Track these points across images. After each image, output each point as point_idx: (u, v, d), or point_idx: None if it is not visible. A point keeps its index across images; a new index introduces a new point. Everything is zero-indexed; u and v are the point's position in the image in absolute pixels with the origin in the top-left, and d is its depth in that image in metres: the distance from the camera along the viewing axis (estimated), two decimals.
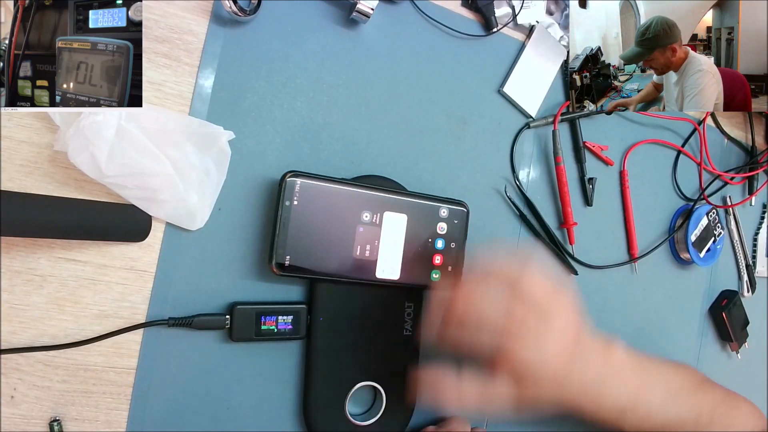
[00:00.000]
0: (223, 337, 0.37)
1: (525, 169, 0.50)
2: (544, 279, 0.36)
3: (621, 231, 0.55)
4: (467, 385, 0.35)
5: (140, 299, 0.35)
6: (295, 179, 0.36)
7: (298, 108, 0.40)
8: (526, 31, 0.49)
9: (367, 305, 0.41)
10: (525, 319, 0.34)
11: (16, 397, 0.33)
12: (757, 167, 0.63)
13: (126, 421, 0.35)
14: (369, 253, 0.39)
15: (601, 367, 0.37)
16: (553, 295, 0.36)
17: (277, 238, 0.36)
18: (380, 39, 0.42)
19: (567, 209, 0.50)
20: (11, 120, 0.32)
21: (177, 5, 0.36)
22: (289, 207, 0.36)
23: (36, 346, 0.33)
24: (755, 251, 0.66)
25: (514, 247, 0.49)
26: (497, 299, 0.35)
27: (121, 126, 0.32)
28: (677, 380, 0.42)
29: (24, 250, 0.33)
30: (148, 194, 0.33)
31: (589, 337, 0.38)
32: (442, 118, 0.45)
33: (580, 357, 0.36)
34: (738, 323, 0.63)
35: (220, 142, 0.35)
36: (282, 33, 0.39)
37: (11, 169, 0.32)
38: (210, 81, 0.37)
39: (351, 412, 0.40)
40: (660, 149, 0.58)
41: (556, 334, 0.35)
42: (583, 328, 0.37)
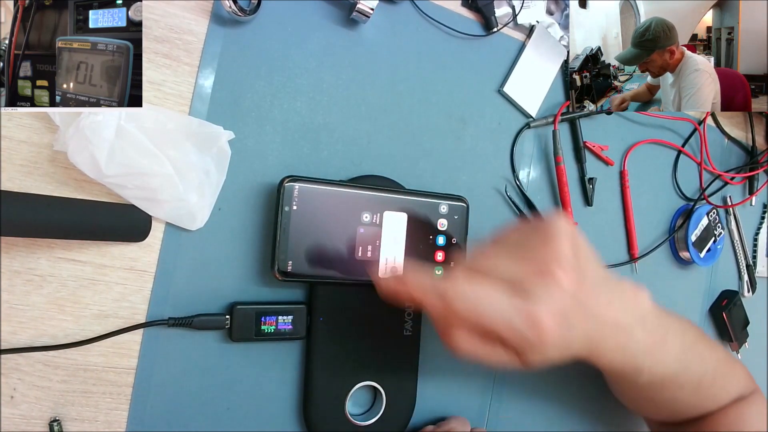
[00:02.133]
0: (223, 337, 0.37)
1: (525, 169, 0.50)
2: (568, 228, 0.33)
3: (621, 231, 0.55)
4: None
5: (140, 299, 0.35)
6: (293, 184, 0.36)
7: (298, 108, 0.40)
8: (527, 31, 0.49)
9: (367, 305, 0.41)
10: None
11: (16, 397, 0.33)
12: (757, 167, 0.63)
13: (126, 421, 0.35)
14: (371, 254, 0.39)
15: (630, 313, 0.35)
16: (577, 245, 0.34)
17: (278, 244, 0.36)
18: (380, 39, 0.42)
19: (567, 209, 0.50)
20: (11, 120, 0.32)
21: (177, 5, 0.36)
22: (288, 212, 0.36)
23: (36, 346, 0.33)
24: (755, 251, 0.66)
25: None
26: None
27: (120, 126, 0.32)
28: (690, 335, 0.41)
29: (24, 250, 0.33)
30: (148, 194, 0.33)
31: (617, 280, 0.36)
32: (442, 118, 0.45)
33: (613, 298, 0.34)
34: (738, 323, 0.63)
35: (220, 142, 0.35)
36: (282, 33, 0.39)
37: (11, 169, 0.32)
38: (210, 81, 0.37)
39: (351, 412, 0.40)
40: (660, 149, 0.58)
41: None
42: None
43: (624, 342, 0.35)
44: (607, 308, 0.34)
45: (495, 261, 0.32)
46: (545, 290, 0.30)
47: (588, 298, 0.32)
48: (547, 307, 0.30)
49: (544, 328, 0.29)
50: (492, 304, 0.30)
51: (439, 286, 0.31)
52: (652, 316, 0.37)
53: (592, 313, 0.32)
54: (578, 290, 0.31)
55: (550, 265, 0.31)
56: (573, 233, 0.33)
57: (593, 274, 0.33)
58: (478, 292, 0.30)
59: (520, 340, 0.30)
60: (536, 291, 0.30)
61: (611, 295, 0.34)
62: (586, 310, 0.32)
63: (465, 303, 0.30)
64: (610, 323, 0.34)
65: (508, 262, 0.32)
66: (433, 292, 0.31)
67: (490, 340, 0.31)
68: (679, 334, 0.40)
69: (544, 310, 0.30)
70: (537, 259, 0.31)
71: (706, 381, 0.42)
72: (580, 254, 0.33)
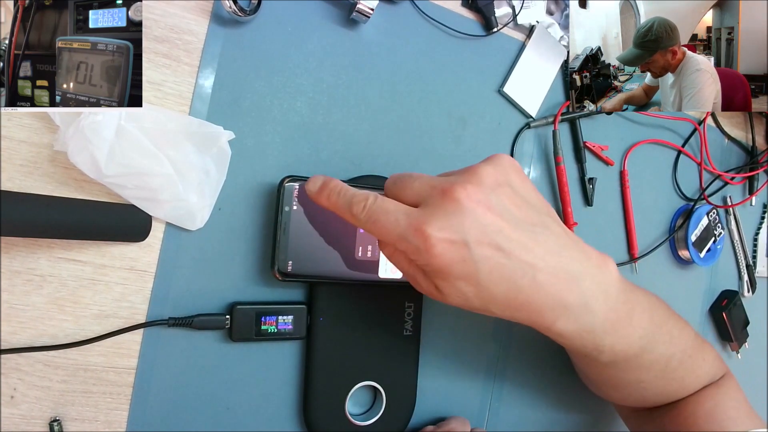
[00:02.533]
0: (223, 337, 0.37)
1: (525, 169, 0.50)
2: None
3: (621, 231, 0.55)
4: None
5: (140, 299, 0.35)
6: (293, 184, 0.37)
7: (297, 108, 0.40)
8: (527, 31, 0.49)
9: (367, 305, 0.41)
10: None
11: (16, 397, 0.33)
12: (757, 167, 0.63)
13: (126, 421, 0.35)
14: (371, 254, 0.39)
15: (589, 281, 0.32)
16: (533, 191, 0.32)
17: (278, 244, 0.36)
18: (380, 39, 0.42)
19: (567, 209, 0.50)
20: (11, 120, 0.32)
21: (177, 5, 0.36)
22: (288, 212, 0.36)
23: (36, 346, 0.33)
24: (755, 251, 0.66)
25: None
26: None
27: (120, 126, 0.32)
28: (659, 313, 0.39)
29: (24, 250, 0.33)
30: (148, 194, 0.33)
31: (582, 243, 0.34)
32: (442, 118, 0.45)
33: (571, 256, 0.32)
34: (738, 323, 0.63)
35: (220, 141, 0.35)
36: (282, 33, 0.39)
37: (11, 169, 0.32)
38: (210, 81, 0.37)
39: (351, 412, 0.40)
40: (660, 149, 0.58)
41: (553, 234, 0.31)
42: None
43: (578, 313, 0.32)
44: (556, 261, 0.31)
45: (417, 181, 0.31)
46: (440, 207, 0.29)
47: (513, 236, 0.30)
48: (438, 222, 0.29)
49: (428, 234, 0.28)
50: (388, 218, 0.30)
51: (348, 200, 0.31)
52: (616, 290, 0.34)
53: (521, 257, 0.30)
54: (492, 221, 0.29)
55: (455, 185, 0.29)
56: (507, 169, 0.31)
57: (530, 217, 0.31)
58: (380, 206, 0.30)
59: (408, 248, 0.29)
60: (431, 205, 0.29)
61: (567, 252, 0.32)
62: (509, 249, 0.29)
63: (367, 217, 0.31)
64: (555, 282, 0.31)
65: (425, 182, 0.31)
66: (344, 206, 0.32)
67: (407, 258, 0.31)
68: (647, 310, 0.37)
69: (432, 223, 0.29)
70: (450, 180, 0.30)
71: (673, 363, 0.40)
72: (513, 192, 0.31)
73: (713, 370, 0.44)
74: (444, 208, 0.29)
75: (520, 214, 0.31)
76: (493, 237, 0.29)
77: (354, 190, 0.32)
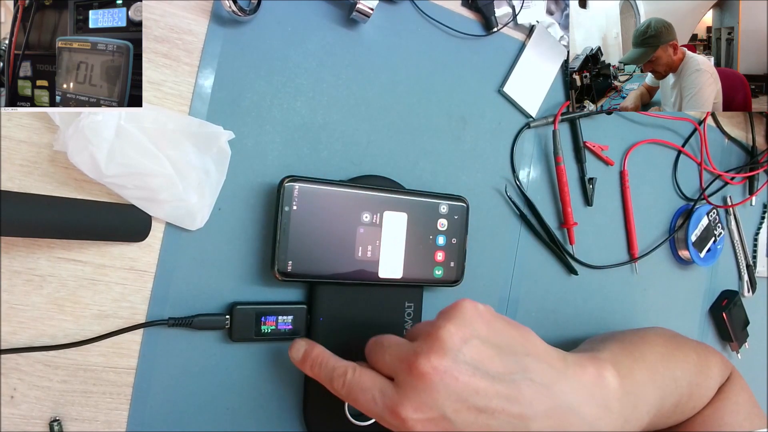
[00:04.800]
0: (223, 337, 0.37)
1: (525, 169, 0.50)
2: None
3: (621, 231, 0.55)
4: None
5: (140, 299, 0.35)
6: (293, 184, 0.36)
7: (297, 108, 0.40)
8: (527, 31, 0.49)
9: (367, 305, 0.41)
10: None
11: (16, 397, 0.33)
12: (757, 167, 0.63)
13: (126, 421, 0.35)
14: (371, 254, 0.39)
15: (595, 405, 0.32)
16: (517, 331, 0.32)
17: (279, 244, 0.36)
18: (380, 39, 0.42)
19: (567, 209, 0.50)
20: (11, 120, 0.32)
21: (177, 5, 0.36)
22: (288, 212, 0.36)
23: (36, 346, 0.33)
24: (755, 251, 0.66)
25: (513, 248, 0.49)
26: None
27: (120, 126, 0.32)
28: (660, 365, 0.39)
29: (24, 250, 0.33)
30: (148, 194, 0.33)
31: (576, 362, 0.33)
32: (442, 118, 0.45)
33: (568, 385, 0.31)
34: (738, 323, 0.63)
35: (220, 141, 0.35)
36: (282, 33, 0.39)
37: (11, 169, 0.32)
38: (210, 81, 0.37)
39: (351, 412, 0.40)
40: (660, 149, 0.58)
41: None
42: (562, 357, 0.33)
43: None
44: (547, 402, 0.30)
45: (387, 353, 0.32)
46: (410, 384, 0.29)
47: (492, 392, 0.29)
48: (411, 403, 0.29)
49: (405, 417, 0.29)
50: (366, 396, 0.30)
51: (329, 373, 0.32)
52: (618, 397, 0.34)
53: (507, 411, 0.29)
54: (465, 385, 0.28)
55: (419, 358, 0.29)
56: (470, 320, 0.30)
57: (506, 365, 0.30)
58: (358, 383, 0.31)
59: (391, 426, 0.30)
60: (402, 384, 0.30)
61: (557, 385, 0.31)
62: (492, 408, 0.29)
63: (347, 393, 0.31)
64: (553, 424, 0.30)
65: (394, 355, 0.31)
66: (326, 379, 0.33)
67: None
68: (649, 381, 0.37)
69: (406, 404, 0.29)
70: (416, 350, 0.30)
71: (683, 400, 0.41)
72: (481, 344, 0.30)
73: (719, 378, 0.45)
74: (413, 386, 0.29)
75: (494, 367, 0.30)
76: (471, 401, 0.29)
77: (334, 361, 0.33)
